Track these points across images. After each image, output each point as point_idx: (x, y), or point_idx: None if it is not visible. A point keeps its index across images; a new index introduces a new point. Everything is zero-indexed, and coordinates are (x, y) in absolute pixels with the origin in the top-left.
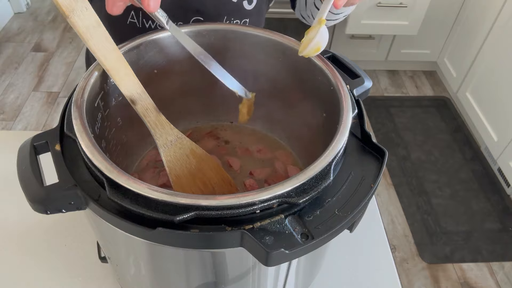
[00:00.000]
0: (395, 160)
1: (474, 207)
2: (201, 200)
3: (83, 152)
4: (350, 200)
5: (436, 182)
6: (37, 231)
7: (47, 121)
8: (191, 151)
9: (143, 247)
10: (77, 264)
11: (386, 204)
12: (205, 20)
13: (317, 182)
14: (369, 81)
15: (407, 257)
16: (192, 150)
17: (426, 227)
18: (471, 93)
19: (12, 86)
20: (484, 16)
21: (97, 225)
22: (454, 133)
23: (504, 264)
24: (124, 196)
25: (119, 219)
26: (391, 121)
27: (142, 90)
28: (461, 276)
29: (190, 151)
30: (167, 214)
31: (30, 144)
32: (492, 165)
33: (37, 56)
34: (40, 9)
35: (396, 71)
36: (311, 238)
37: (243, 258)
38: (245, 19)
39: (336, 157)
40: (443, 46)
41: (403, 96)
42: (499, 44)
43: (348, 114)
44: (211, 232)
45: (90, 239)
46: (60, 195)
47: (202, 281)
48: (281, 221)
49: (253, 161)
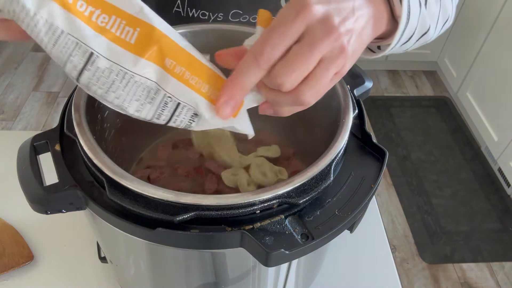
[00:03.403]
0: (395, 160)
1: (475, 207)
2: (201, 200)
3: (83, 152)
4: (350, 201)
5: (436, 182)
6: (37, 231)
7: (47, 121)
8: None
9: (143, 247)
10: (77, 264)
11: (386, 204)
12: (244, 14)
13: (317, 183)
14: (370, 81)
15: (407, 257)
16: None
17: (426, 227)
18: (471, 93)
19: (12, 86)
20: (484, 16)
21: (97, 225)
22: (454, 133)
23: (504, 264)
24: (124, 196)
25: (119, 219)
26: (391, 121)
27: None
28: (461, 276)
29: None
30: (167, 214)
31: (30, 144)
32: (492, 165)
33: (37, 56)
34: None
35: (396, 71)
36: (311, 239)
37: (243, 259)
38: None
39: (337, 157)
40: (444, 46)
41: (403, 96)
42: (499, 44)
43: (348, 114)
44: (211, 232)
45: (90, 239)
46: (60, 195)
47: (202, 281)
48: (281, 222)
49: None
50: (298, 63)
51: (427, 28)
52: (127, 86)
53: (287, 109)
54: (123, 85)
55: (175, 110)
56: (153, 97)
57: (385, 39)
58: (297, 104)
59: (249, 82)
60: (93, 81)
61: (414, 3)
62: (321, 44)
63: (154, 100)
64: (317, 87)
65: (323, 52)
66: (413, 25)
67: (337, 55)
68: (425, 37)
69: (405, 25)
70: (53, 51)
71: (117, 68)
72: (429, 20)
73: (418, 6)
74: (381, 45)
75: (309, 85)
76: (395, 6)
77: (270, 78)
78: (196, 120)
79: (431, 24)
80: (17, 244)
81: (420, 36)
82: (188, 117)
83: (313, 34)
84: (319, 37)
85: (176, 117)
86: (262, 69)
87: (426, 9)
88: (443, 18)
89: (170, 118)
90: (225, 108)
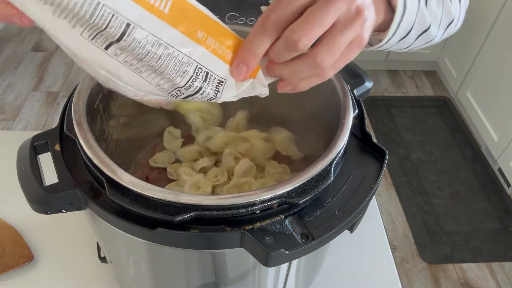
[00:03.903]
0: (395, 160)
1: (475, 207)
2: (201, 200)
3: (83, 152)
4: (351, 201)
5: (436, 182)
6: (37, 231)
7: (46, 121)
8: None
9: (143, 247)
10: (77, 264)
11: (386, 204)
12: (240, 16)
13: (318, 183)
14: (370, 81)
15: (407, 257)
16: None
17: (426, 227)
18: (471, 93)
19: (12, 86)
20: (484, 16)
21: (97, 225)
22: (454, 133)
23: (505, 264)
24: (124, 196)
25: (119, 219)
26: (391, 121)
27: None
28: (462, 276)
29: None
30: (167, 215)
31: (30, 144)
32: (492, 165)
33: (36, 56)
34: None
35: (396, 71)
36: (311, 239)
37: (243, 259)
38: None
39: (337, 157)
40: (444, 46)
41: (403, 96)
42: (499, 44)
43: (348, 114)
44: (211, 232)
45: (90, 239)
46: (60, 195)
47: (202, 281)
48: (281, 222)
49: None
50: (313, 19)
51: (427, 26)
52: (161, 59)
53: (305, 81)
54: (157, 57)
55: (205, 80)
56: (185, 70)
57: (382, 32)
58: (314, 68)
59: (258, 47)
60: (128, 52)
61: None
62: (337, 2)
63: (186, 74)
64: (332, 49)
65: (339, 12)
66: (411, 19)
67: (354, 17)
68: (427, 36)
69: (401, 16)
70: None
71: (152, 39)
72: (429, 18)
73: (416, 2)
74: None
75: (325, 47)
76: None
77: (284, 37)
78: (220, 89)
79: (432, 23)
80: (17, 244)
81: (420, 33)
82: (214, 88)
83: None
84: None
85: (205, 88)
86: (269, 32)
87: (426, 7)
88: (446, 19)
89: (198, 89)
90: (238, 71)
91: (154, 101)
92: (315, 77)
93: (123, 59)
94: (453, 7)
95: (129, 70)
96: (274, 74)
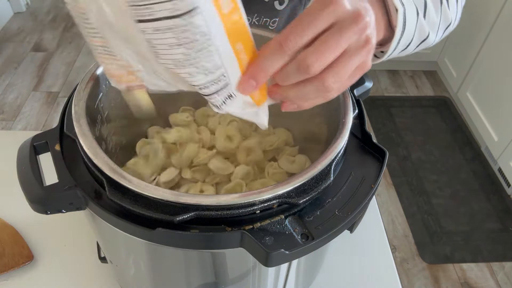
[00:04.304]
0: (395, 160)
1: (475, 207)
2: (201, 200)
3: (83, 152)
4: (351, 201)
5: (436, 182)
6: (37, 231)
7: (46, 121)
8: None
9: (143, 247)
10: (77, 264)
11: (386, 204)
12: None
13: (317, 183)
14: (370, 81)
15: (407, 257)
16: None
17: (426, 227)
18: (471, 93)
19: (12, 86)
20: (484, 16)
21: (97, 225)
22: (454, 133)
23: (505, 264)
24: (124, 196)
25: (119, 219)
26: (391, 121)
27: None
28: (462, 276)
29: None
30: (167, 215)
31: (30, 144)
32: (492, 165)
33: (36, 56)
34: (39, 8)
35: (396, 71)
36: (311, 239)
37: (243, 259)
38: (275, 18)
39: (337, 157)
40: (444, 46)
41: (403, 96)
42: (499, 44)
43: (348, 114)
44: (211, 232)
45: (90, 239)
46: (60, 195)
47: (202, 281)
48: (281, 222)
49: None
50: (326, 47)
51: (426, 35)
52: (200, 51)
53: (310, 102)
54: (199, 47)
55: (221, 88)
56: (212, 72)
57: (382, 46)
58: (321, 91)
59: (271, 66)
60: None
61: (410, 13)
62: (350, 31)
63: (211, 75)
64: (340, 74)
65: (350, 41)
66: (410, 34)
67: (362, 46)
68: (425, 43)
69: (401, 35)
70: None
71: (205, 29)
72: (428, 28)
73: (415, 16)
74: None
75: (333, 71)
76: (392, 16)
77: (297, 61)
78: (227, 102)
79: (430, 31)
80: (17, 244)
81: (420, 42)
82: (224, 98)
83: (342, 22)
84: (348, 25)
85: (217, 95)
86: (286, 54)
87: (425, 19)
88: (444, 24)
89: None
90: (246, 85)
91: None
92: (320, 98)
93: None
94: (450, 10)
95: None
96: (280, 96)
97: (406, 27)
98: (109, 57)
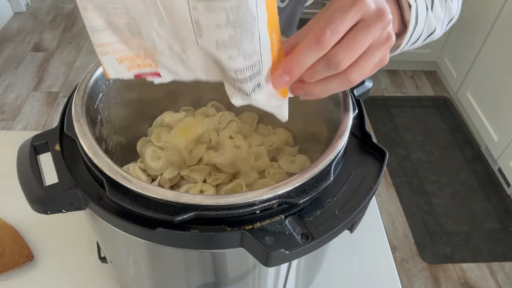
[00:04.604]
0: (395, 160)
1: (475, 207)
2: (201, 200)
3: (83, 152)
4: (351, 201)
5: (436, 182)
6: (37, 231)
7: (47, 121)
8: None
9: (143, 247)
10: (77, 264)
11: (386, 204)
12: None
13: (317, 183)
14: (370, 81)
15: (407, 257)
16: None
17: (426, 227)
18: (471, 93)
19: (12, 86)
20: (484, 16)
21: (97, 225)
22: (454, 133)
23: (505, 264)
24: (124, 196)
25: (119, 219)
26: (391, 121)
27: None
28: (462, 276)
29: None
30: (167, 214)
31: (30, 144)
32: (492, 165)
33: (36, 56)
34: (39, 9)
35: (396, 71)
36: (311, 239)
37: (243, 259)
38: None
39: (337, 157)
40: (444, 45)
41: (403, 96)
42: (499, 44)
43: (348, 114)
44: (211, 232)
45: (90, 239)
46: (60, 195)
47: (202, 281)
48: (281, 222)
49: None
50: (355, 43)
51: (433, 29)
52: (245, 34)
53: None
54: (245, 30)
55: (254, 76)
56: (250, 56)
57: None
58: (344, 84)
59: (307, 60)
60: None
61: (421, 9)
62: (375, 28)
63: (249, 59)
64: (364, 69)
65: (374, 37)
66: (420, 28)
67: (384, 42)
68: (432, 37)
69: (413, 29)
70: None
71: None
72: (434, 22)
73: (425, 11)
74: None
75: (358, 67)
76: (404, 12)
77: (327, 57)
78: (256, 91)
79: (436, 25)
80: (17, 244)
81: (427, 36)
82: (253, 87)
83: (368, 19)
84: (374, 22)
85: (248, 81)
86: (323, 50)
87: (432, 12)
88: (448, 18)
89: (243, 79)
90: (280, 80)
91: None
92: (340, 90)
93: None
94: (453, 5)
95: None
96: (304, 92)
97: (418, 22)
98: (130, 36)
